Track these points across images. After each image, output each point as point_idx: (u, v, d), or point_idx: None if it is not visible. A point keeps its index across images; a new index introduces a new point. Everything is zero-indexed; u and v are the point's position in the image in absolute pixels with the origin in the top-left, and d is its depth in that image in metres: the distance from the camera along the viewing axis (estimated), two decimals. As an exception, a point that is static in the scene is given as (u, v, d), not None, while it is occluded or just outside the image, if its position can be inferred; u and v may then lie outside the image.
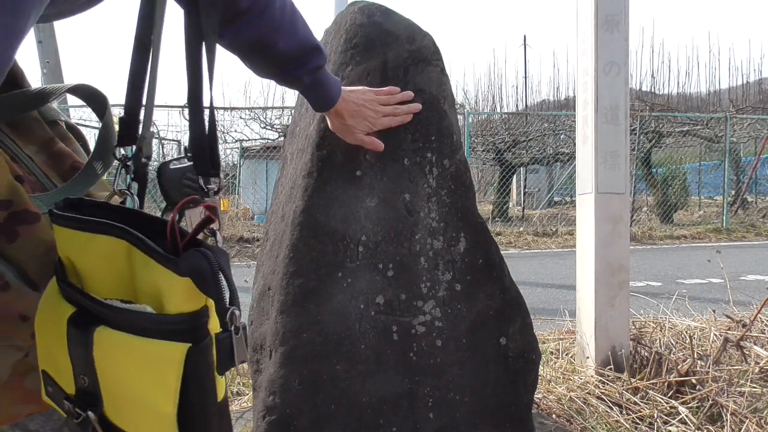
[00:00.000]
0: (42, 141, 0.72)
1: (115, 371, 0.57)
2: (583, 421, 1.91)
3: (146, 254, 0.55)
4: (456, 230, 1.26)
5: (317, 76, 1.03)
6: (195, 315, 0.55)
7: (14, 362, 0.64)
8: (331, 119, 1.16)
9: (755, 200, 14.50)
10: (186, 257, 0.53)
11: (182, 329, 0.54)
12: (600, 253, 2.28)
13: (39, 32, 5.41)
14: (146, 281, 0.56)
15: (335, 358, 1.19)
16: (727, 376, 2.15)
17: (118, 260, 0.57)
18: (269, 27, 0.91)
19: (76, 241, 0.58)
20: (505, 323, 1.28)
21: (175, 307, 0.54)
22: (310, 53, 0.99)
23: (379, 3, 1.30)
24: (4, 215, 0.61)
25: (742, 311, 3.05)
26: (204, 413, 0.56)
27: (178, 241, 0.54)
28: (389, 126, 1.20)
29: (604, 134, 2.26)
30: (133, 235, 0.56)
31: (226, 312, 0.54)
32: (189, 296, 0.54)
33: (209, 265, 0.53)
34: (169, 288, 0.54)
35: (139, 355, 0.55)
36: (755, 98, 14.35)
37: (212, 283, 0.53)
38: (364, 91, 1.18)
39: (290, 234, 1.21)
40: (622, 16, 2.25)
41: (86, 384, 0.59)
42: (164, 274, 0.54)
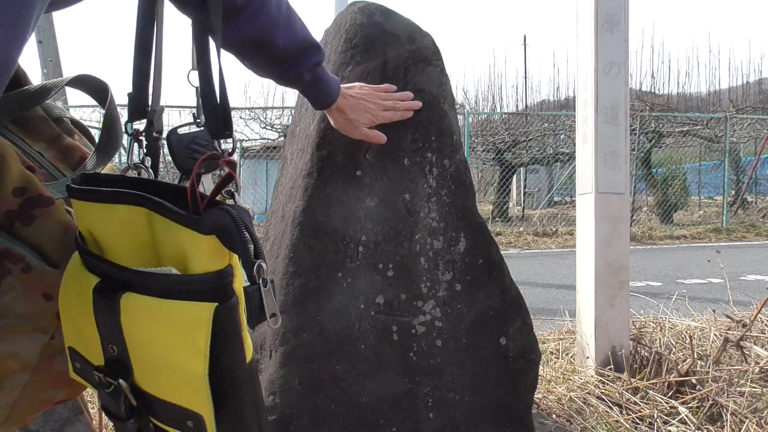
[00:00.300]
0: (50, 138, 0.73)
1: (143, 336, 0.57)
2: (583, 421, 1.91)
3: (167, 218, 0.55)
4: (456, 230, 1.26)
5: (317, 74, 1.04)
6: (220, 274, 0.55)
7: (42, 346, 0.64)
8: (333, 116, 1.16)
9: (755, 200, 14.50)
10: (209, 215, 0.53)
11: (209, 288, 0.55)
12: (600, 253, 2.28)
13: (39, 32, 5.42)
14: (169, 245, 0.56)
15: (335, 358, 1.19)
16: (727, 376, 2.15)
17: (139, 228, 0.57)
18: (266, 24, 0.91)
19: (96, 214, 0.59)
20: (505, 323, 1.28)
21: (201, 267, 0.54)
22: (308, 50, 0.99)
23: (379, 3, 1.30)
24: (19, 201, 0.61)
25: (742, 311, 3.05)
26: (233, 374, 0.56)
27: (199, 201, 0.54)
28: (391, 119, 1.20)
29: (604, 134, 2.26)
30: (153, 201, 0.56)
31: (253, 265, 0.54)
32: (214, 255, 0.55)
33: (233, 220, 0.53)
34: (194, 248, 0.54)
35: (167, 317, 0.55)
36: (755, 98, 14.35)
37: (238, 238, 0.53)
38: (362, 86, 1.18)
39: (290, 234, 1.21)
40: (622, 16, 2.25)
41: (115, 353, 0.59)
42: (188, 234, 0.54)
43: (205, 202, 0.54)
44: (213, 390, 0.54)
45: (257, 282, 0.55)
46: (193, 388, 0.55)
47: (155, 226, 0.56)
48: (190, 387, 0.55)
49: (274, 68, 1.01)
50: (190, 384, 0.55)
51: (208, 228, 0.53)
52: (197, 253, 0.54)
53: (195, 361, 0.54)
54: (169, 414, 0.59)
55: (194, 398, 0.55)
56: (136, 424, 0.61)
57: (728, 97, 14.35)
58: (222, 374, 0.55)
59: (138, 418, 0.61)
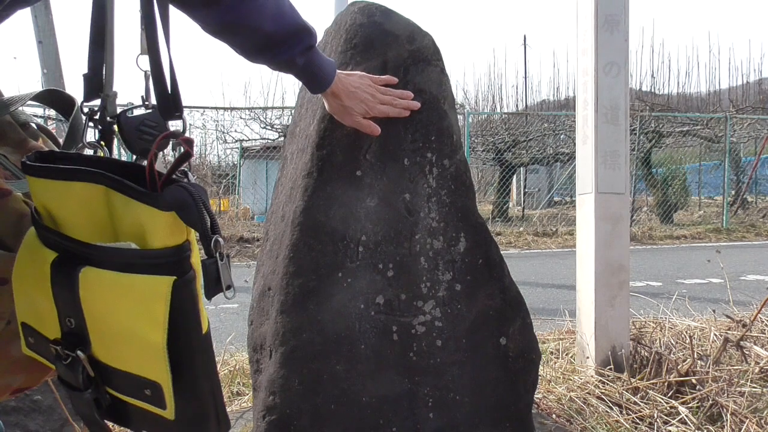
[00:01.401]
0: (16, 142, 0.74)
1: (102, 309, 0.58)
2: (583, 421, 1.91)
3: (126, 195, 0.57)
4: (456, 230, 1.26)
5: (310, 57, 1.04)
6: (179, 248, 0.57)
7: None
8: (329, 100, 1.16)
9: (755, 200, 14.50)
10: (168, 191, 0.55)
11: (168, 263, 0.57)
12: (600, 253, 2.28)
13: (39, 32, 5.41)
14: (128, 221, 0.57)
15: (335, 358, 1.19)
16: (727, 376, 2.15)
17: (97, 205, 0.58)
18: (254, 9, 0.91)
19: (53, 190, 0.60)
20: (505, 323, 1.28)
21: (160, 242, 0.56)
22: (298, 34, 0.99)
23: (379, 3, 1.30)
24: None
25: (742, 311, 3.05)
26: (189, 344, 0.59)
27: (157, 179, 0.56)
28: (387, 114, 1.19)
29: (604, 134, 2.26)
30: (111, 178, 0.57)
31: (210, 239, 0.57)
32: (172, 231, 0.57)
33: (191, 196, 0.55)
34: (153, 223, 0.56)
35: (126, 290, 0.56)
36: (755, 98, 14.35)
37: (196, 213, 0.55)
38: (362, 76, 1.18)
39: (290, 234, 1.21)
40: (622, 16, 2.25)
41: (73, 326, 0.60)
42: (147, 210, 0.56)
43: (163, 179, 0.56)
44: (170, 359, 0.57)
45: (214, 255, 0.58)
46: (152, 358, 0.57)
47: (113, 202, 0.58)
48: (149, 357, 0.57)
49: (264, 53, 1.01)
50: (149, 354, 0.57)
51: (167, 204, 0.55)
52: (156, 228, 0.56)
53: (154, 331, 0.56)
54: (127, 383, 0.61)
55: (152, 367, 0.58)
56: (93, 394, 0.63)
57: (728, 97, 14.34)
58: (179, 344, 0.57)
59: (95, 389, 0.63)
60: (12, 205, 0.66)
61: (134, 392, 0.61)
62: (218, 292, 0.60)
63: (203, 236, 0.57)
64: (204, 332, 0.60)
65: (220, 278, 0.59)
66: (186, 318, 0.58)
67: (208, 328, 0.62)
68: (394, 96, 1.21)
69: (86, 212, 0.59)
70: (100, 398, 0.63)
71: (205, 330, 0.61)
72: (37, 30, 5.48)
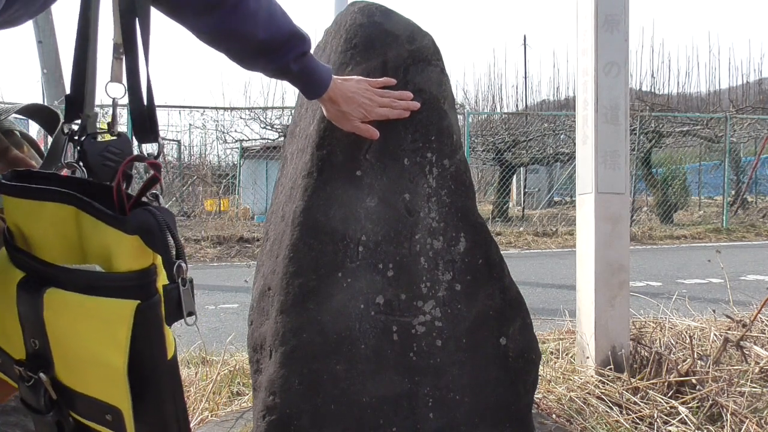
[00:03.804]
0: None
1: (66, 331, 0.58)
2: (583, 421, 1.91)
3: (94, 216, 0.57)
4: (456, 230, 1.26)
5: (304, 63, 1.04)
6: (144, 272, 0.57)
7: None
8: (327, 106, 1.16)
9: (755, 200, 14.50)
10: (134, 215, 0.56)
11: (131, 286, 0.56)
12: (600, 253, 2.27)
13: (39, 32, 5.41)
14: (95, 243, 0.57)
15: (335, 358, 1.19)
16: (727, 376, 2.15)
17: (67, 225, 0.59)
18: (246, 17, 0.92)
19: (25, 209, 0.60)
20: (505, 323, 1.28)
21: (125, 265, 0.56)
22: (291, 40, 1.00)
23: (379, 3, 1.30)
24: None
25: (742, 311, 3.05)
26: (154, 370, 0.58)
27: (125, 201, 0.57)
28: (386, 117, 1.19)
29: (604, 134, 2.26)
30: (81, 200, 0.57)
31: (173, 265, 0.57)
32: (137, 254, 0.56)
33: (156, 221, 0.55)
34: (118, 247, 0.56)
35: (90, 312, 0.56)
36: (755, 98, 14.35)
37: (159, 238, 0.55)
38: (359, 80, 1.18)
39: (290, 234, 1.21)
40: (622, 16, 2.25)
41: (37, 347, 0.60)
42: (113, 233, 0.56)
43: (131, 203, 0.57)
44: (132, 384, 0.56)
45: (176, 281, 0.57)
46: (113, 382, 0.56)
47: (82, 223, 0.58)
48: (110, 381, 0.57)
49: (258, 60, 1.01)
50: (110, 378, 0.56)
51: (132, 228, 0.55)
52: (121, 251, 0.56)
53: (115, 355, 0.55)
54: (89, 408, 0.60)
55: (113, 392, 0.57)
56: (55, 417, 0.62)
57: (728, 97, 14.35)
58: (142, 369, 0.57)
59: (58, 412, 0.62)
60: None
61: (95, 417, 0.60)
62: (179, 319, 0.59)
63: (166, 261, 0.57)
64: (170, 357, 0.60)
65: (182, 304, 0.59)
66: (150, 342, 0.57)
67: (175, 352, 0.62)
68: (393, 98, 1.20)
69: (57, 232, 0.59)
70: (62, 422, 0.63)
71: (171, 355, 0.60)
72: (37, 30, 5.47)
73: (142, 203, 0.58)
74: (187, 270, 0.59)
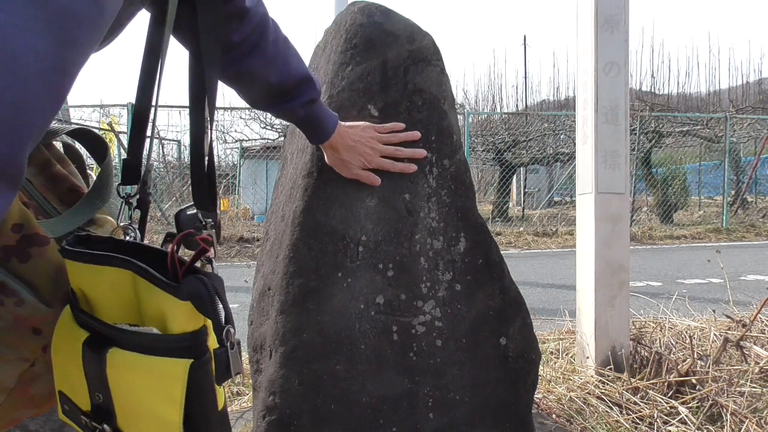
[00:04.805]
0: (40, 162, 0.76)
1: (126, 387, 0.63)
2: (583, 421, 1.91)
3: (150, 282, 0.61)
4: (456, 230, 1.26)
5: (311, 110, 1.07)
6: (196, 334, 0.62)
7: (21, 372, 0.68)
8: (327, 153, 1.18)
9: (755, 200, 14.50)
10: (186, 283, 0.60)
11: (185, 347, 0.61)
12: (600, 253, 2.28)
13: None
14: (151, 306, 0.62)
15: (335, 358, 1.19)
16: (727, 376, 2.15)
17: (125, 289, 0.63)
18: (261, 61, 0.94)
19: (86, 273, 0.64)
20: (505, 323, 1.28)
21: (179, 327, 0.61)
22: (301, 86, 1.02)
23: (379, 3, 1.30)
24: (17, 237, 0.64)
25: (742, 311, 3.05)
26: (206, 421, 0.63)
27: (178, 269, 0.61)
28: (388, 169, 1.20)
29: (604, 134, 2.26)
30: (138, 266, 0.62)
31: (222, 330, 0.62)
32: (190, 317, 0.61)
33: (206, 289, 0.60)
34: (172, 311, 0.61)
35: (147, 371, 0.61)
36: (755, 98, 14.36)
37: (209, 306, 0.60)
38: (365, 127, 1.18)
39: (290, 234, 1.21)
40: (622, 16, 2.25)
41: (101, 400, 0.65)
42: (167, 299, 0.60)
43: (183, 270, 0.61)
44: None
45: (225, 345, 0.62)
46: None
47: (139, 287, 0.63)
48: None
49: (267, 101, 1.04)
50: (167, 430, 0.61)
51: (184, 295, 0.60)
52: (175, 315, 0.61)
53: (171, 410, 0.60)
54: None
55: None
56: None
57: (728, 97, 14.36)
58: (196, 421, 0.62)
59: None
60: (50, 256, 0.68)
61: None
62: (228, 379, 0.64)
63: (216, 326, 0.61)
64: (220, 408, 0.64)
65: (230, 366, 0.63)
66: (202, 396, 0.62)
67: (225, 404, 0.66)
68: (400, 139, 1.21)
69: (115, 295, 0.64)
70: None
71: (221, 406, 0.65)
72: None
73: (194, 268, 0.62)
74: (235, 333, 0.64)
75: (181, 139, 12.71)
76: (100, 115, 10.56)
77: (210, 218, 0.75)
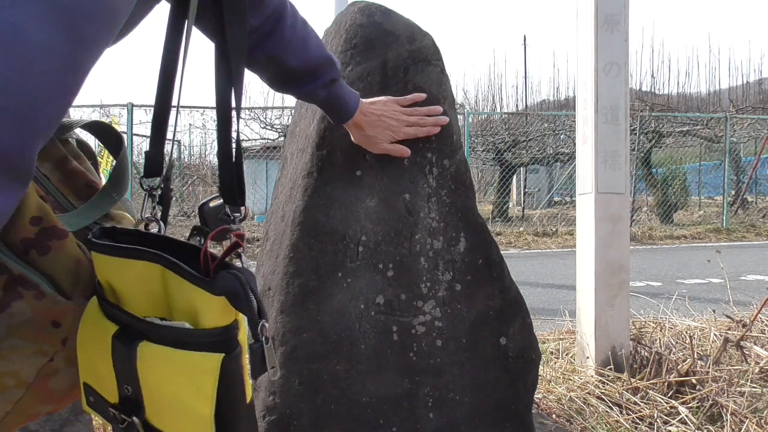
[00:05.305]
0: (56, 159, 0.75)
1: (157, 380, 0.63)
2: (583, 421, 1.91)
3: (181, 276, 0.61)
4: (456, 230, 1.26)
5: (332, 90, 1.07)
6: (228, 328, 0.62)
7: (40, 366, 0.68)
8: (352, 131, 1.18)
9: (755, 200, 14.50)
10: (220, 278, 0.60)
11: (217, 341, 0.61)
12: (600, 253, 2.28)
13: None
14: (181, 300, 0.62)
15: (335, 358, 1.19)
16: (727, 376, 2.15)
17: (153, 282, 0.63)
18: (279, 45, 0.95)
19: (114, 266, 0.65)
20: (505, 323, 1.28)
21: (211, 322, 0.61)
22: (322, 68, 1.03)
23: (379, 3, 1.30)
24: (36, 230, 0.64)
25: (742, 311, 3.05)
26: (235, 413, 0.63)
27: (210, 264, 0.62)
28: (415, 136, 1.21)
29: (604, 134, 2.26)
30: (168, 260, 0.62)
31: (257, 324, 0.61)
32: (222, 312, 0.61)
33: (241, 285, 0.60)
34: (205, 306, 0.61)
35: (179, 365, 0.61)
36: (755, 98, 14.37)
37: (245, 300, 0.60)
38: (386, 101, 1.19)
39: (290, 234, 1.21)
40: (622, 16, 2.25)
41: (130, 393, 0.65)
42: (199, 294, 0.60)
43: (215, 265, 0.61)
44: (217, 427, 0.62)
45: (260, 339, 0.62)
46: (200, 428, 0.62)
47: (168, 281, 0.63)
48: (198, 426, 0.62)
49: (288, 84, 1.05)
50: (198, 424, 0.62)
51: (219, 290, 0.60)
52: (208, 310, 0.61)
53: (203, 404, 0.61)
54: None
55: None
56: None
57: (728, 97, 14.37)
58: (225, 413, 0.62)
59: None
60: (69, 248, 0.67)
61: None
62: (263, 372, 0.64)
63: (251, 321, 0.61)
64: (248, 402, 0.65)
65: (266, 360, 0.64)
66: (233, 390, 0.62)
67: (252, 397, 0.67)
68: (421, 114, 1.21)
69: (143, 288, 0.64)
70: None
71: (249, 400, 0.65)
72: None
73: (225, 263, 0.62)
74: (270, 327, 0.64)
75: (181, 139, 12.72)
76: (100, 115, 10.56)
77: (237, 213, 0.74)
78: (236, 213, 0.74)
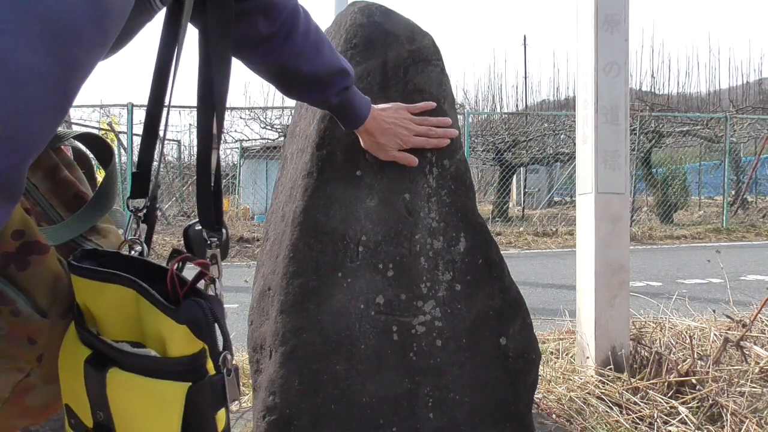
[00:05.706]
0: (47, 168, 0.75)
1: (125, 408, 0.63)
2: (583, 421, 1.91)
3: (151, 303, 0.62)
4: (456, 230, 1.26)
5: (344, 97, 1.07)
6: (194, 357, 0.62)
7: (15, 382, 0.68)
8: (363, 137, 1.18)
9: (755, 200, 14.50)
10: (184, 307, 0.60)
11: (183, 370, 0.61)
12: (600, 253, 2.27)
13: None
14: (151, 326, 0.62)
15: (335, 358, 1.19)
16: (727, 376, 2.15)
17: (128, 306, 0.64)
18: (292, 53, 0.95)
19: (91, 290, 0.65)
20: (505, 323, 1.28)
21: (177, 351, 0.61)
22: (335, 76, 1.03)
23: (379, 3, 1.30)
24: (17, 245, 0.64)
25: (742, 311, 3.05)
26: None
27: (179, 290, 0.62)
28: (423, 146, 1.21)
29: (604, 134, 2.26)
30: (140, 285, 0.63)
31: (218, 356, 0.62)
32: (188, 341, 0.61)
33: (204, 314, 0.60)
34: (171, 334, 0.61)
35: (146, 393, 0.61)
36: (755, 98, 14.37)
37: (206, 332, 0.60)
38: (397, 108, 1.19)
39: (290, 234, 1.21)
40: (622, 16, 2.25)
41: (102, 419, 0.65)
42: (166, 321, 0.61)
43: (183, 292, 0.61)
44: None
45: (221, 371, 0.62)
46: None
47: (141, 306, 0.63)
48: None
49: (301, 91, 1.06)
50: None
51: (182, 319, 0.60)
52: (173, 338, 0.61)
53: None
54: None
55: None
56: None
57: (728, 97, 14.37)
58: None
59: None
60: (48, 264, 0.67)
61: None
62: (223, 406, 0.64)
63: (212, 353, 0.61)
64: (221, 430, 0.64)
65: (226, 393, 0.63)
66: (202, 419, 0.62)
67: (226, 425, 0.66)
68: (431, 124, 1.22)
69: (119, 312, 0.64)
70: None
71: (222, 429, 0.65)
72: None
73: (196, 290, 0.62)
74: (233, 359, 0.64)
75: (181, 139, 12.73)
76: (100, 115, 10.56)
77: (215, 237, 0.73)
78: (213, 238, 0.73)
